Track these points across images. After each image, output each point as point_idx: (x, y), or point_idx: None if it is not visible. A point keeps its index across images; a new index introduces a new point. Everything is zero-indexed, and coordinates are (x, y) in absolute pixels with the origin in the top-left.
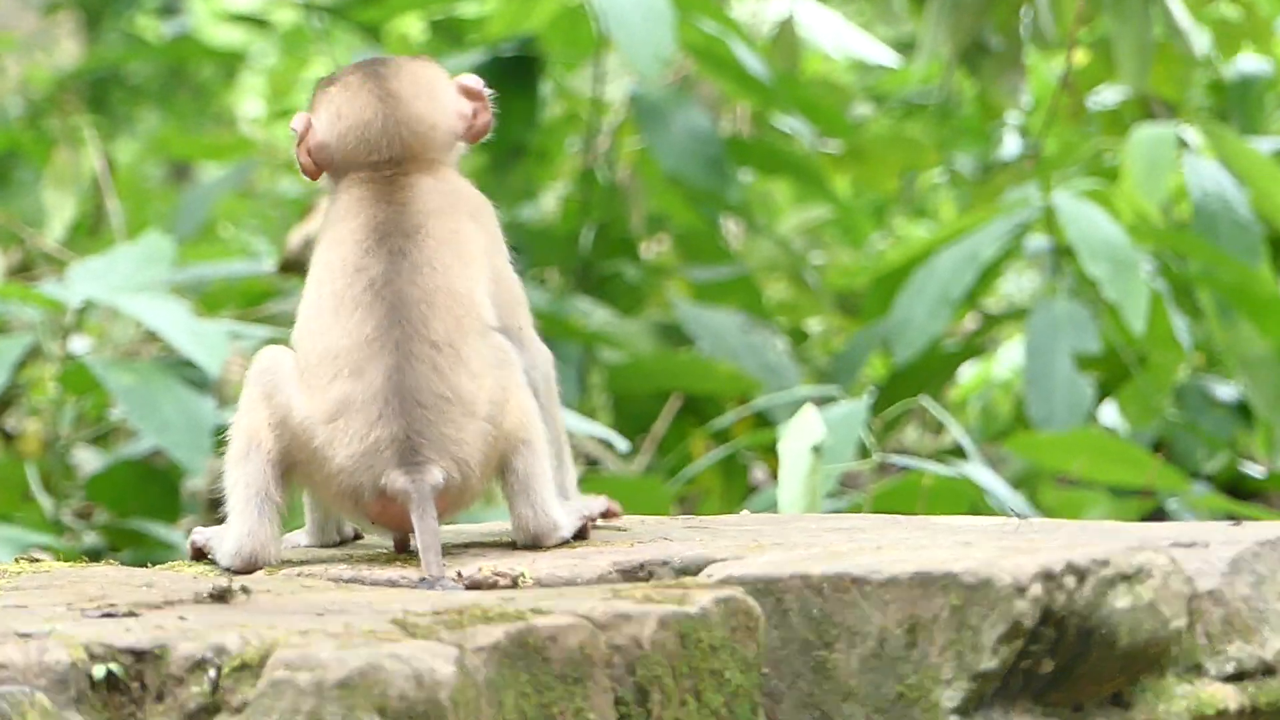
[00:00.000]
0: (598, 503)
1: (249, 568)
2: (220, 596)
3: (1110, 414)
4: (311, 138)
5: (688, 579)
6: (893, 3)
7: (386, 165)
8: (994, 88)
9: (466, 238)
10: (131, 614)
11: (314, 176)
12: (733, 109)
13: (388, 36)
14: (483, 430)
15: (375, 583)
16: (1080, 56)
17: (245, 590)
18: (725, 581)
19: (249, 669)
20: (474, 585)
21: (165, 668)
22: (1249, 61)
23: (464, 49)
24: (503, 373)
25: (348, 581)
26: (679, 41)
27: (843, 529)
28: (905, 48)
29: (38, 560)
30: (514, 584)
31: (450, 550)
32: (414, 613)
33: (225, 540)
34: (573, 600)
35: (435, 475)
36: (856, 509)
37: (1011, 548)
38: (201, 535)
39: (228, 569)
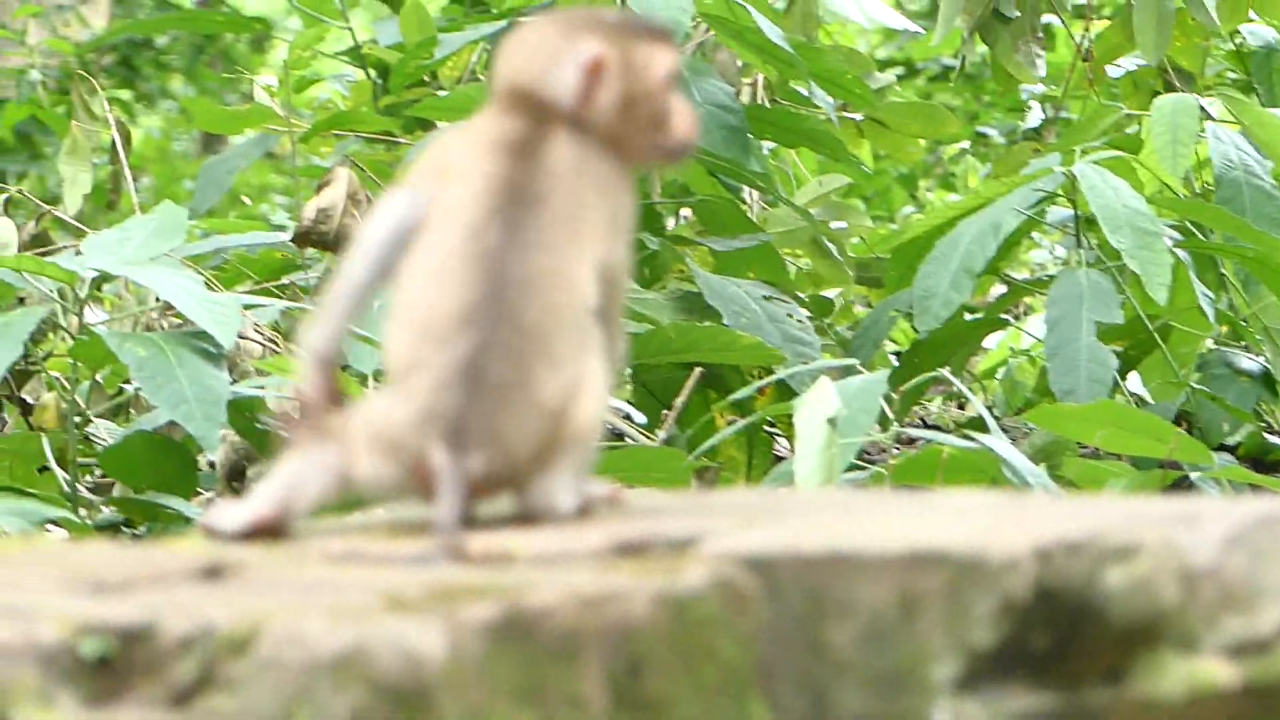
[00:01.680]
0: (603, 488)
1: (263, 534)
2: (212, 572)
3: (1135, 385)
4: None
5: (682, 555)
6: None
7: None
8: (1010, 57)
9: (587, 219)
10: (122, 590)
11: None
12: (752, 78)
13: (407, 5)
14: (544, 425)
15: (370, 558)
16: (1098, 26)
17: (237, 567)
18: (719, 557)
19: (239, 645)
20: (464, 559)
21: (155, 645)
22: (1270, 31)
23: (485, 19)
24: (585, 363)
25: (342, 557)
26: (697, 9)
27: (839, 504)
28: (926, 17)
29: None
30: (506, 559)
31: None
32: (405, 589)
33: (243, 506)
34: (565, 576)
35: (476, 462)
36: (878, 481)
37: (1006, 523)
38: (214, 512)
39: (238, 535)
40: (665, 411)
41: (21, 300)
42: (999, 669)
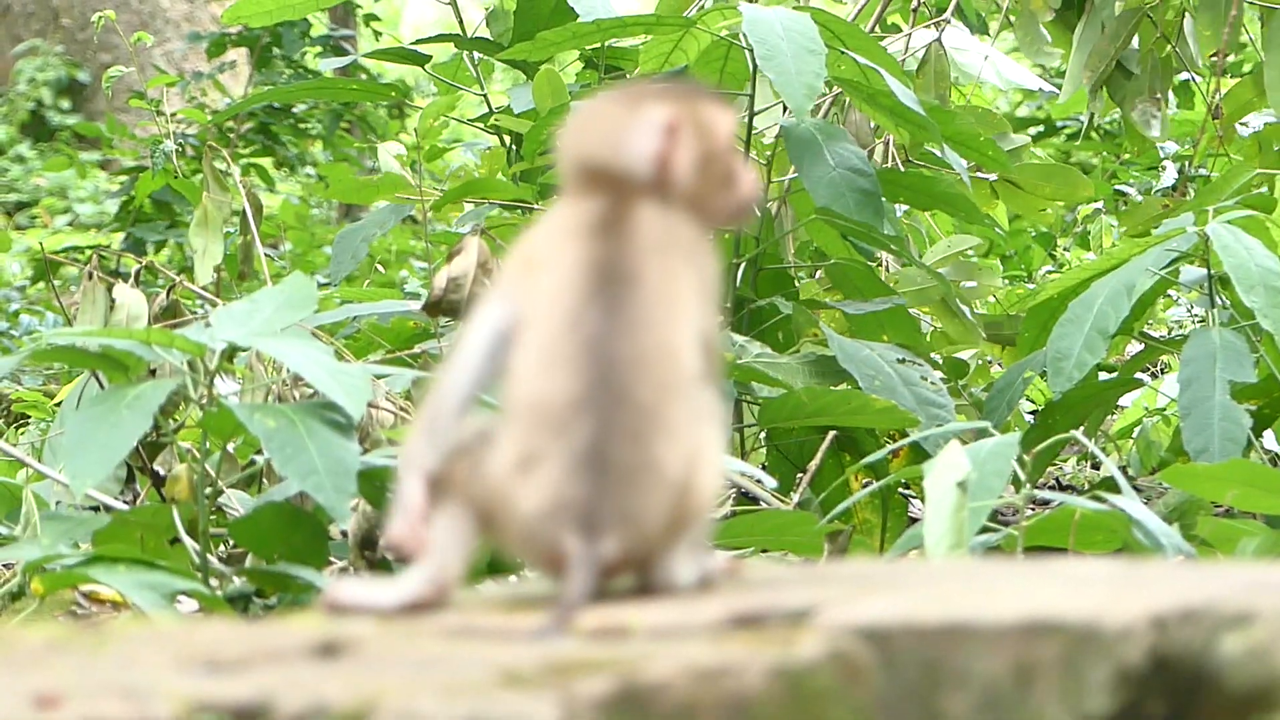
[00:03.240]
0: (720, 559)
1: (429, 607)
2: (327, 650)
3: (1269, 443)
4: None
5: (797, 627)
6: (1040, 32)
7: (610, 183)
8: (1137, 116)
9: (681, 285)
10: (238, 669)
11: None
12: (884, 140)
13: (544, 70)
14: (671, 499)
15: (486, 633)
16: (1226, 83)
17: (352, 644)
18: (835, 628)
19: None
20: (579, 633)
21: None
22: None
23: (618, 83)
24: (701, 431)
25: (457, 633)
26: (830, 74)
27: (956, 574)
28: (1055, 77)
29: (147, 615)
30: (622, 633)
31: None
32: (521, 664)
33: (406, 582)
34: (681, 649)
35: (609, 547)
36: (1009, 544)
37: (1123, 591)
38: (346, 589)
39: (405, 608)
40: (799, 475)
41: (153, 372)
42: None
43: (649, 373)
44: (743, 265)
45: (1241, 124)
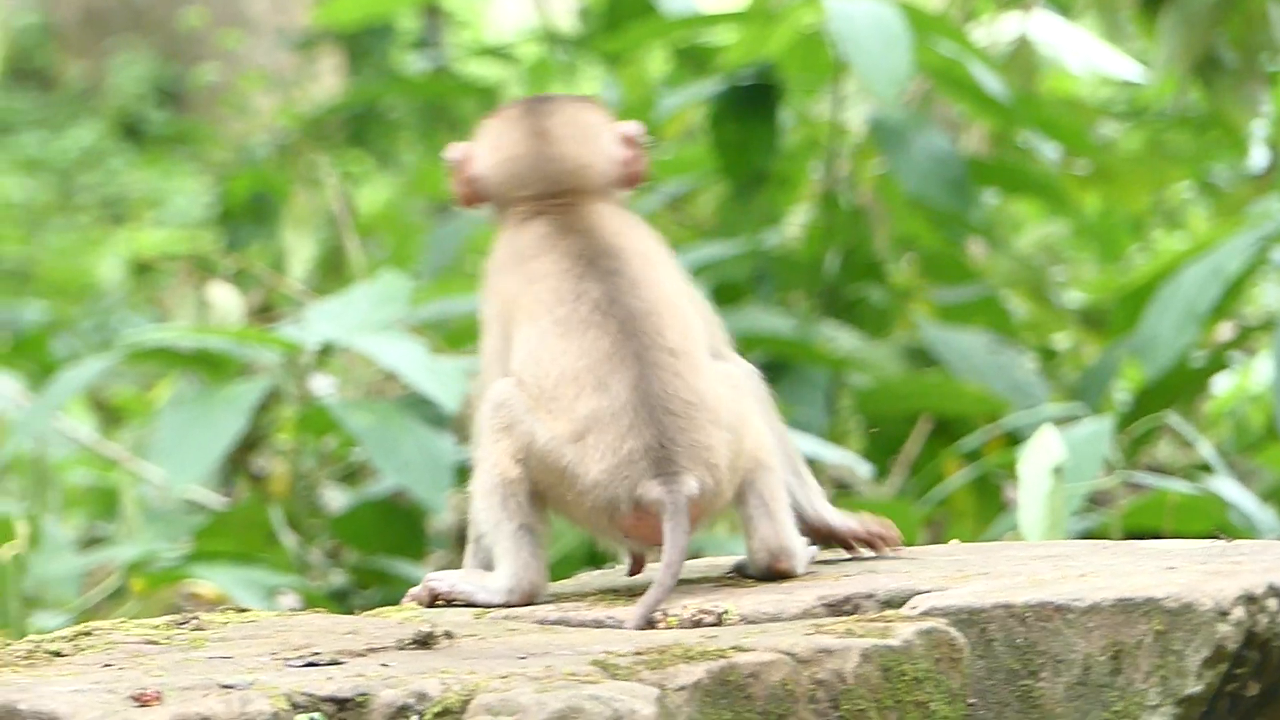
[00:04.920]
0: (851, 520)
1: (526, 601)
2: (423, 642)
3: None
4: (468, 168)
5: (891, 611)
6: (1122, 19)
7: (540, 199)
8: (1229, 102)
9: (660, 258)
10: (335, 662)
11: (468, 205)
12: (972, 128)
13: (628, 67)
14: (727, 440)
15: (580, 623)
16: None
17: (449, 635)
18: (929, 613)
19: (450, 714)
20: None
21: (367, 715)
22: None
23: (704, 77)
24: (735, 393)
25: (553, 623)
26: (916, 63)
27: (1049, 556)
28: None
29: (245, 610)
30: (718, 621)
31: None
32: (615, 653)
33: (498, 577)
34: (775, 636)
35: (690, 484)
36: (1104, 529)
37: (1214, 571)
38: (443, 582)
39: (503, 604)
40: (892, 459)
41: (247, 370)
42: (1210, 717)
43: (669, 321)
44: (833, 254)
45: None
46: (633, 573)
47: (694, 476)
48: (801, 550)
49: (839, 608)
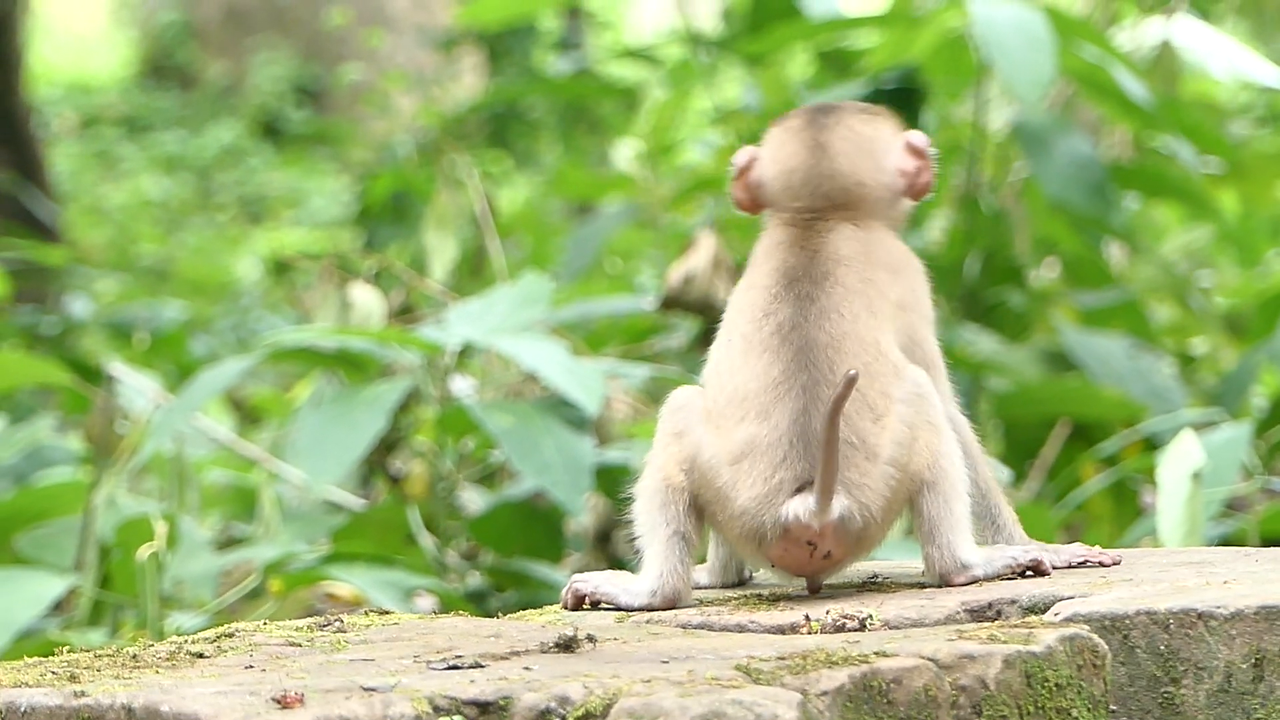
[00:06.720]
0: (1030, 554)
1: (669, 606)
2: (566, 646)
3: None
4: (751, 174)
5: (1033, 618)
6: (1269, 20)
7: (809, 212)
8: None
9: (879, 289)
10: (477, 665)
11: (748, 211)
12: (1114, 133)
13: (770, 69)
14: (885, 474)
15: (723, 628)
16: None
17: (591, 639)
18: (1071, 619)
19: (592, 718)
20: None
21: (509, 719)
22: None
23: (848, 80)
24: (912, 410)
25: (695, 628)
26: (1059, 67)
27: (1192, 563)
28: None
29: (387, 612)
30: (861, 626)
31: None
32: (758, 658)
33: (643, 580)
34: (918, 642)
35: (835, 508)
36: (1241, 534)
37: None
38: (588, 584)
39: (644, 608)
40: (1030, 462)
41: (387, 371)
42: None
43: (845, 356)
44: (974, 258)
45: None
46: (812, 592)
47: (841, 502)
48: (977, 558)
49: (982, 613)
